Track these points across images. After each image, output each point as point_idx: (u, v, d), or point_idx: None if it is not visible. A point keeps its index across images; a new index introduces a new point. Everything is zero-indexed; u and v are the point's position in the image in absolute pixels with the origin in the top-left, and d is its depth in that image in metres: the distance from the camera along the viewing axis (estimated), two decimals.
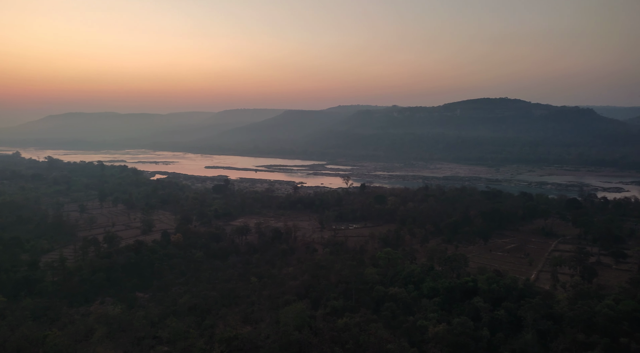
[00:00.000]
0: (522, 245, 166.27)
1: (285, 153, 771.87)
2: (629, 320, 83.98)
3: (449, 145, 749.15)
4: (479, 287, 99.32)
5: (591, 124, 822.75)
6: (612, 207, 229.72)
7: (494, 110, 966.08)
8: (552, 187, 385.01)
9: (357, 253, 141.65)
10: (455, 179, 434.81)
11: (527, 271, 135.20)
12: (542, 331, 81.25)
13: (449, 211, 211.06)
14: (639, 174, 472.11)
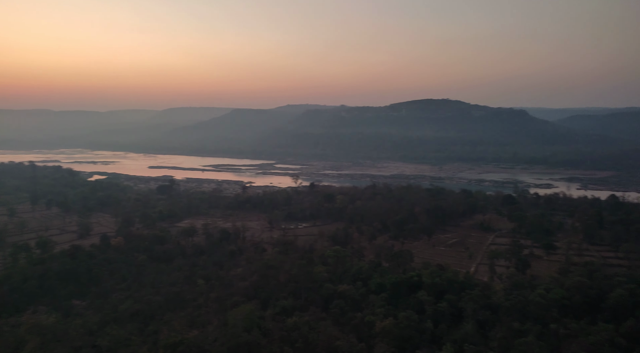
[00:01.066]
0: (463, 240, 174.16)
1: (233, 152, 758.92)
2: (558, 307, 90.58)
3: (395, 145, 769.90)
4: (424, 281, 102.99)
5: (524, 124, 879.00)
6: (543, 202, 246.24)
7: (436, 110, 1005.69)
8: (489, 184, 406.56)
9: (307, 252, 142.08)
10: (402, 177, 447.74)
11: (468, 264, 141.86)
12: (481, 321, 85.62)
13: (396, 208, 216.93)
14: (567, 171, 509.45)
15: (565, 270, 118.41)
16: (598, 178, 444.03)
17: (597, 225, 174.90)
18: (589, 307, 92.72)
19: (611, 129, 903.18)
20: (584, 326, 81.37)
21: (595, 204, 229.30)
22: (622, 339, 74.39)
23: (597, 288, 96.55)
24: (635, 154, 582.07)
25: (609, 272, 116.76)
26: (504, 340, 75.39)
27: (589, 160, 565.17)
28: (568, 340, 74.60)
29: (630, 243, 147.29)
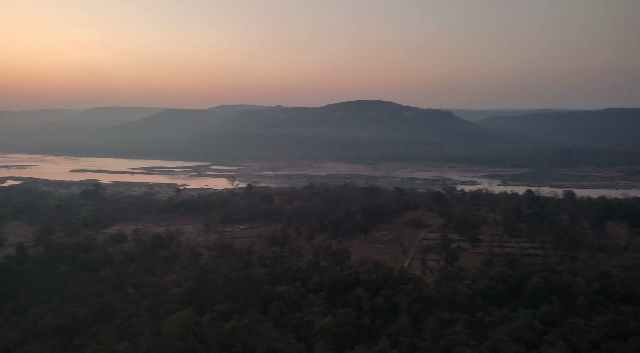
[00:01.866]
0: (397, 236, 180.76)
1: (165, 154, 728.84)
2: (483, 297, 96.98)
3: (331, 145, 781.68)
4: (361, 278, 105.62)
5: (451, 125, 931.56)
6: (469, 198, 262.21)
7: (371, 111, 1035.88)
8: (421, 182, 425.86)
9: (245, 254, 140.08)
10: (338, 177, 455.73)
11: (402, 259, 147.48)
12: (414, 313, 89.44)
13: (333, 208, 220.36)
14: (489, 168, 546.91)
15: (489, 261, 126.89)
16: (516, 174, 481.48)
17: (516, 218, 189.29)
18: (510, 295, 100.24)
19: (526, 129, 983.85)
20: (505, 313, 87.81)
21: (514, 199, 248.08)
22: (538, 323, 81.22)
23: (517, 277, 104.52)
24: (547, 152, 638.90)
25: (527, 261, 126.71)
26: (435, 330, 79.32)
27: (508, 158, 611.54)
28: (492, 327, 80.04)
29: (545, 234, 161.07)
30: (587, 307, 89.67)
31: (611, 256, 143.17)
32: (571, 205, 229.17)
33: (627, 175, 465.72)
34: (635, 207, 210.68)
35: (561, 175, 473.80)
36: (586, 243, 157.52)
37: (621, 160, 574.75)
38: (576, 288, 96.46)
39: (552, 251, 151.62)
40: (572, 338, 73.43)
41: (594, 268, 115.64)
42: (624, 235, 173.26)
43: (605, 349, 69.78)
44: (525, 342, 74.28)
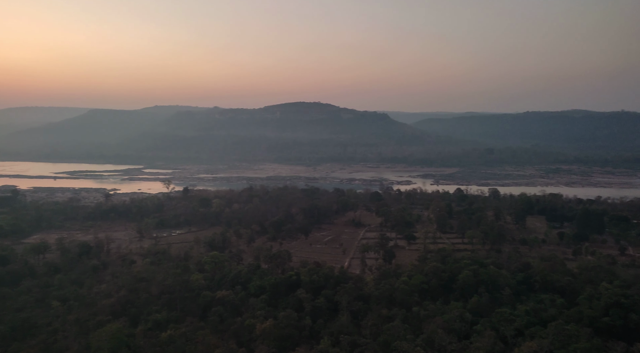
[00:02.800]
0: (338, 237, 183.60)
1: (93, 157, 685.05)
2: (419, 292, 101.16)
3: (270, 147, 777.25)
4: (302, 280, 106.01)
5: (387, 127, 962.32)
6: (404, 197, 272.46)
7: (309, 113, 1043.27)
8: (359, 182, 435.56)
9: (182, 260, 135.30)
10: (278, 179, 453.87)
11: (342, 259, 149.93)
12: (354, 311, 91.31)
13: (273, 210, 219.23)
14: (423, 168, 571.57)
15: (424, 258, 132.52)
16: (447, 174, 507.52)
17: (447, 216, 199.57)
18: (443, 289, 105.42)
19: (455, 131, 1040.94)
20: (439, 306, 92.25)
21: (446, 197, 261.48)
22: (469, 314, 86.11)
23: (449, 271, 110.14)
24: (474, 153, 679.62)
25: (457, 256, 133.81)
26: (374, 326, 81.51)
27: (440, 158, 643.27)
28: (427, 320, 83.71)
29: (473, 230, 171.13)
30: (512, 297, 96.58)
31: (531, 248, 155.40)
32: (496, 202, 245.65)
33: (544, 173, 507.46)
34: (551, 202, 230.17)
35: (486, 174, 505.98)
36: (509, 237, 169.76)
37: (538, 159, 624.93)
38: (501, 279, 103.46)
39: (480, 245, 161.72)
40: (499, 326, 78.69)
41: (517, 260, 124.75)
42: (542, 228, 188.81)
43: (527, 335, 75.49)
44: (457, 333, 78.48)
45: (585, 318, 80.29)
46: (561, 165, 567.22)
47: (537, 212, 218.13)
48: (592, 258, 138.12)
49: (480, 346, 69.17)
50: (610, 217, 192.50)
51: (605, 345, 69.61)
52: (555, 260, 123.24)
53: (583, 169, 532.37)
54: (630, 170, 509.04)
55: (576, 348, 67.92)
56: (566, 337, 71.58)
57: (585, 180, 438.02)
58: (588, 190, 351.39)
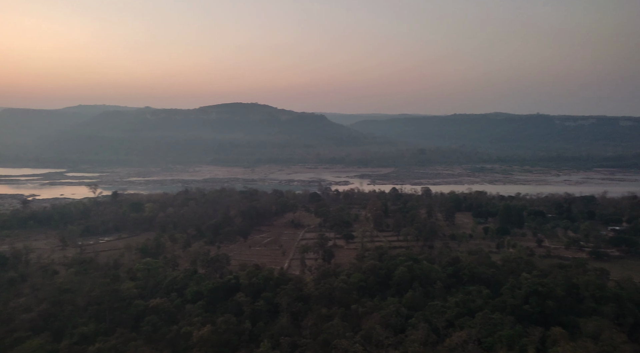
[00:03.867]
0: (277, 238, 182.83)
1: (7, 160, 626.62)
2: (357, 289, 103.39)
3: (207, 148, 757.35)
4: (241, 283, 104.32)
5: (324, 128, 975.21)
6: (343, 197, 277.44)
7: (247, 114, 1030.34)
8: (298, 183, 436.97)
9: (111, 268, 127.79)
10: (215, 181, 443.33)
11: (282, 261, 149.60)
12: (295, 313, 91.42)
13: (211, 213, 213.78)
14: (360, 168, 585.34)
15: (362, 256, 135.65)
16: (383, 174, 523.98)
17: (383, 215, 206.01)
18: (380, 286, 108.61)
19: (390, 132, 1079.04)
20: (377, 302, 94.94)
21: (382, 196, 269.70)
22: (404, 308, 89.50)
23: (386, 268, 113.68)
24: (408, 153, 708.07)
25: (393, 253, 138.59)
26: (314, 326, 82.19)
27: (376, 159, 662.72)
28: (366, 317, 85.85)
29: (407, 228, 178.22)
30: (443, 290, 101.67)
31: (460, 243, 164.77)
32: (428, 200, 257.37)
33: (470, 172, 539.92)
34: (477, 199, 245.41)
35: (419, 173, 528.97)
36: (440, 233, 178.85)
37: (465, 159, 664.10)
38: (434, 274, 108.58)
39: (414, 242, 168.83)
40: (432, 319, 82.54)
41: (447, 255, 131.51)
42: (469, 224, 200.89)
43: (457, 325, 79.88)
44: (394, 327, 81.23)
45: (508, 307, 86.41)
46: (485, 164, 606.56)
47: (464, 208, 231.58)
48: (513, 251, 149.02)
49: (415, 338, 72.13)
50: (529, 212, 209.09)
51: (526, 330, 75.36)
52: (481, 254, 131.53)
53: (504, 167, 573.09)
54: (545, 169, 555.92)
55: (500, 335, 72.94)
56: (492, 325, 76.68)
57: (507, 178, 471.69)
58: (509, 187, 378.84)
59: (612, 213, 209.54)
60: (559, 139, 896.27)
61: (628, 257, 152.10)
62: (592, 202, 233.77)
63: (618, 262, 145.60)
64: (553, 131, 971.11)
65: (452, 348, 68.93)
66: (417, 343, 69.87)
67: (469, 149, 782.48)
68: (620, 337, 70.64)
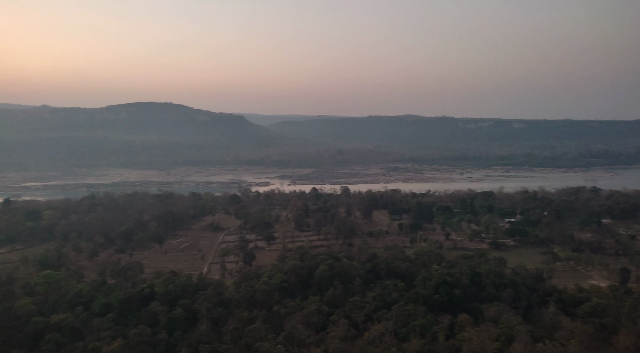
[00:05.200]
0: (195, 242, 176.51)
1: None
2: (279, 291, 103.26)
3: (116, 150, 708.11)
4: (156, 291, 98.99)
5: (243, 128, 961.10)
6: (263, 198, 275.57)
7: (160, 114, 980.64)
8: (217, 185, 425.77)
9: (4, 284, 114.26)
10: (126, 185, 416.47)
11: (201, 266, 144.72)
12: (215, 318, 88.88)
13: (121, 219, 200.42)
14: (280, 169, 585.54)
15: (283, 257, 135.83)
16: (303, 174, 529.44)
17: (304, 215, 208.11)
18: (302, 285, 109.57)
19: (309, 133, 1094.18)
20: (298, 302, 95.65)
21: (302, 197, 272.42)
22: (325, 306, 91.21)
23: (307, 268, 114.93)
24: (326, 153, 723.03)
25: (314, 252, 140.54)
26: (235, 331, 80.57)
27: (295, 159, 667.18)
28: (288, 317, 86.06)
29: (328, 227, 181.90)
30: (362, 286, 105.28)
31: (377, 239, 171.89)
32: (347, 199, 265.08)
33: (386, 171, 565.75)
34: (392, 197, 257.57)
35: (338, 173, 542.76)
36: (359, 231, 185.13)
37: (380, 159, 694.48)
38: (353, 271, 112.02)
39: (334, 240, 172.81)
40: (351, 314, 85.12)
41: (366, 251, 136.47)
42: (385, 221, 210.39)
43: (375, 319, 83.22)
44: (315, 326, 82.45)
45: (421, 298, 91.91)
46: (399, 164, 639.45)
47: (381, 206, 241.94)
48: (425, 245, 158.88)
49: (335, 335, 73.84)
50: (438, 208, 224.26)
51: (436, 319, 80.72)
52: (397, 249, 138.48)
53: (416, 166, 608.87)
54: (451, 167, 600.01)
55: (414, 325, 77.35)
56: (406, 316, 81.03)
57: (418, 177, 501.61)
58: (420, 185, 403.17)
59: (507, 207, 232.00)
60: (462, 139, 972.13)
61: (522, 246, 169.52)
62: (491, 197, 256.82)
63: (513, 250, 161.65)
64: (457, 132, 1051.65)
65: (371, 341, 71.66)
66: (338, 340, 71.58)
67: (383, 149, 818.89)
68: (516, 319, 78.40)
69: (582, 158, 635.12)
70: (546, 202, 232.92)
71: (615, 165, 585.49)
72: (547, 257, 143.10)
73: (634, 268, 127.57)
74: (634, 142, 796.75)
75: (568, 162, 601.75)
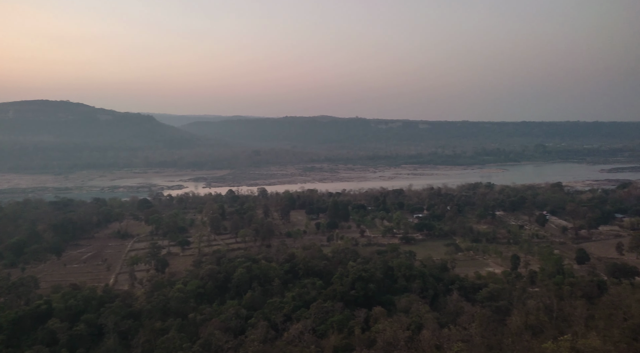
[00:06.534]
0: (100, 252, 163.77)
1: None
2: (195, 297, 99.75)
3: (2, 153, 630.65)
4: (55, 307, 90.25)
5: (153, 129, 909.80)
6: (176, 202, 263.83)
7: (56, 113, 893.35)
8: (124, 190, 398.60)
9: None
10: (16, 192, 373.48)
11: (107, 277, 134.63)
12: (124, 331, 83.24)
13: (11, 230, 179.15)
14: (194, 172, 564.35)
15: (199, 262, 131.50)
16: (218, 176, 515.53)
17: (220, 217, 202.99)
18: (219, 290, 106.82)
19: (224, 134, 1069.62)
20: (216, 308, 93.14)
21: (218, 199, 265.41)
22: (244, 310, 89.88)
23: (225, 271, 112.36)
24: (243, 155, 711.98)
25: (232, 255, 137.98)
26: (146, 343, 76.19)
27: (210, 161, 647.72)
28: (205, 324, 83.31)
29: (245, 229, 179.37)
30: (281, 286, 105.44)
31: (295, 239, 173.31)
32: (264, 200, 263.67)
33: (303, 171, 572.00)
34: (309, 197, 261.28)
35: (255, 174, 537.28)
36: (277, 232, 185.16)
37: (297, 159, 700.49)
38: (272, 272, 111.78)
39: (252, 242, 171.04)
40: (271, 316, 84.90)
41: (284, 252, 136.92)
42: (303, 221, 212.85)
43: (294, 318, 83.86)
44: (234, 330, 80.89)
45: (338, 294, 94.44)
46: (315, 164, 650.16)
47: (298, 206, 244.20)
48: (341, 243, 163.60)
49: (255, 338, 73.11)
50: (353, 206, 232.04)
51: (353, 313, 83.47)
52: (314, 248, 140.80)
53: (331, 166, 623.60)
54: (365, 166, 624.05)
55: (332, 321, 79.30)
56: (324, 313, 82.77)
57: (334, 176, 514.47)
58: (336, 184, 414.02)
59: (416, 203, 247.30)
60: (374, 139, 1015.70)
61: (429, 239, 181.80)
62: (401, 194, 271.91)
63: (422, 244, 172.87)
64: (369, 132, 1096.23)
65: (290, 341, 72.06)
66: (257, 342, 70.93)
67: (300, 149, 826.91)
68: (424, 308, 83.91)
69: (478, 156, 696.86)
70: (449, 198, 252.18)
71: (506, 162, 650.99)
72: (450, 248, 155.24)
73: (523, 254, 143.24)
74: (521, 141, 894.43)
75: (467, 160, 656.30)
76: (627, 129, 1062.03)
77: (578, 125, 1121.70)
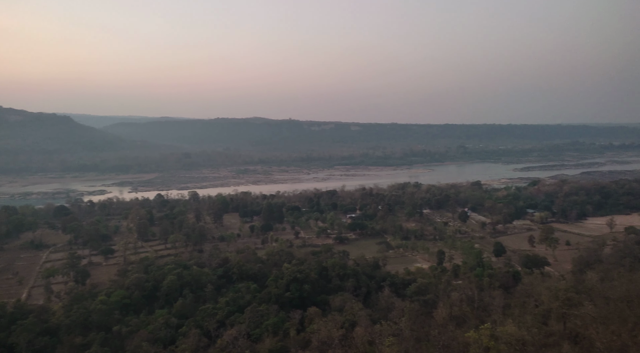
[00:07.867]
0: (10, 265, 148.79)
1: None
2: (120, 308, 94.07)
3: None
4: None
5: (70, 131, 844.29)
6: (98, 208, 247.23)
7: None
8: (38, 196, 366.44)
9: None
10: None
11: (18, 291, 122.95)
12: (39, 349, 76.50)
13: None
14: (118, 176, 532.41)
15: (124, 271, 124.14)
16: (146, 180, 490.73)
17: (148, 223, 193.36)
18: (147, 299, 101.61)
19: (150, 136, 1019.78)
20: (143, 318, 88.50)
21: (146, 204, 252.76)
22: (174, 318, 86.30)
23: (153, 280, 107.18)
24: (172, 157, 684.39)
25: (161, 262, 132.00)
26: None
27: (136, 164, 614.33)
28: (131, 337, 78.87)
29: (176, 234, 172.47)
30: (214, 292, 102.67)
31: (229, 243, 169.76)
32: (196, 204, 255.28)
33: (236, 173, 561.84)
34: (243, 200, 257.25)
35: (186, 177, 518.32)
36: (210, 236, 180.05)
37: (230, 161, 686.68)
38: (204, 277, 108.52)
39: (183, 248, 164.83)
40: (203, 323, 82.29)
41: (217, 256, 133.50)
42: (237, 224, 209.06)
43: (228, 324, 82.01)
44: (163, 341, 77.40)
45: (273, 296, 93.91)
46: (248, 166, 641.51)
47: (232, 209, 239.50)
48: (276, 245, 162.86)
49: (186, 347, 70.55)
50: (287, 208, 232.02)
51: (288, 315, 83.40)
52: (248, 251, 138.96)
53: (265, 168, 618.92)
54: (298, 168, 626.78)
55: (267, 324, 78.65)
56: (259, 316, 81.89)
57: (268, 178, 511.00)
58: (270, 186, 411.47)
59: (349, 204, 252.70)
60: (307, 141, 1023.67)
61: (362, 238, 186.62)
62: (335, 195, 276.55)
63: (355, 243, 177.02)
64: (302, 134, 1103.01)
65: (223, 348, 70.38)
66: (189, 351, 68.49)
67: (232, 151, 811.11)
68: (358, 306, 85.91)
69: (407, 157, 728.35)
70: (380, 198, 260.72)
71: (432, 162, 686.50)
72: (381, 247, 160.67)
73: (447, 249, 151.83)
74: (444, 143, 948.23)
75: (396, 161, 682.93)
76: (536, 132, 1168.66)
77: (494, 127, 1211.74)
